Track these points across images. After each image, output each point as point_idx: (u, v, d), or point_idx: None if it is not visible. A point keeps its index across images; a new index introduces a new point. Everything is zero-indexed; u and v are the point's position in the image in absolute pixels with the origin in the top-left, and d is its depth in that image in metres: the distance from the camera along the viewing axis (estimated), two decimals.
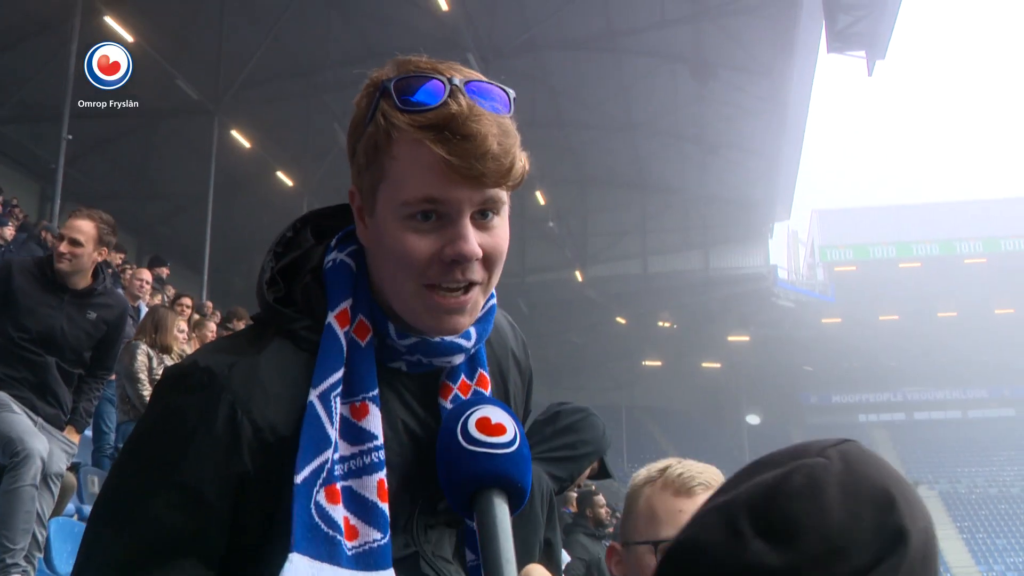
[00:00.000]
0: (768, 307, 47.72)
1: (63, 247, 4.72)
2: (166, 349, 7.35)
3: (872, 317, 60.24)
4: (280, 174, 27.14)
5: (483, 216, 1.17)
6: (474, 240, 1.15)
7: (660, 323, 46.52)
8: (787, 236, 57.05)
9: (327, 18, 23.53)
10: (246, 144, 25.05)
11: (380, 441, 1.19)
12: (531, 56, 26.23)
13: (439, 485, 1.18)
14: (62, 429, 4.86)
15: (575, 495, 8.61)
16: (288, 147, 26.82)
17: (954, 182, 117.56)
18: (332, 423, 1.17)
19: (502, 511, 1.00)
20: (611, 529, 9.29)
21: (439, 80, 1.14)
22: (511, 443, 1.03)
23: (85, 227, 4.71)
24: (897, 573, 0.75)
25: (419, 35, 23.85)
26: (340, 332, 1.21)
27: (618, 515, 10.40)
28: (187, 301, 9.57)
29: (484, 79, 1.18)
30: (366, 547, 1.16)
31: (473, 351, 1.30)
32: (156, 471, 1.16)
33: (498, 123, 1.14)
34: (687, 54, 26.61)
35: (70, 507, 6.70)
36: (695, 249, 41.56)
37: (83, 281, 4.82)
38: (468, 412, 1.05)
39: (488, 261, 1.18)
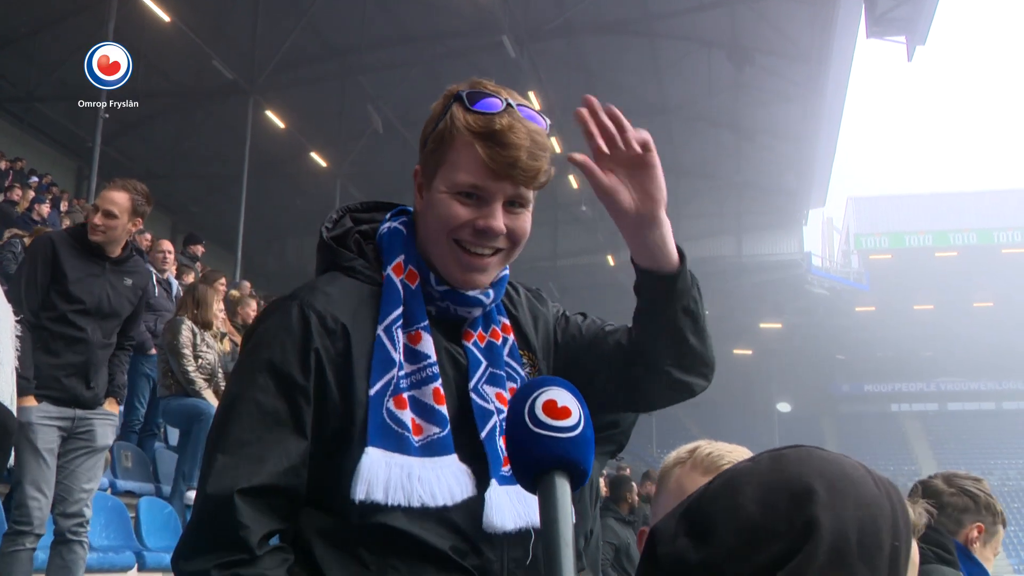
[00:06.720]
0: (801, 294, 47.42)
1: (97, 219, 4.79)
2: (207, 325, 7.37)
3: (907, 306, 59.76)
4: (314, 155, 27.22)
5: (512, 205, 1.58)
6: (501, 220, 1.56)
7: None
8: (822, 223, 56.62)
9: (363, 0, 23.52)
10: (280, 125, 25.14)
11: (433, 359, 1.56)
12: (566, 39, 26.08)
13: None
14: (100, 405, 4.92)
15: (607, 479, 8.59)
16: (322, 128, 26.88)
17: (993, 170, 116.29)
18: (396, 348, 1.54)
19: (563, 493, 1.03)
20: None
21: (498, 99, 1.56)
22: (576, 426, 1.06)
23: (119, 199, 4.79)
24: (814, 559, 0.82)
25: (455, 18, 23.82)
26: (396, 280, 1.60)
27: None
28: (224, 280, 9.62)
29: (529, 106, 1.62)
30: (428, 439, 1.51)
31: (489, 308, 1.67)
32: (252, 366, 1.52)
33: (532, 139, 1.55)
34: (724, 38, 26.38)
35: (104, 481, 6.79)
36: (728, 235, 41.31)
37: (118, 249, 4.93)
38: (536, 393, 1.08)
39: (512, 237, 1.59)
